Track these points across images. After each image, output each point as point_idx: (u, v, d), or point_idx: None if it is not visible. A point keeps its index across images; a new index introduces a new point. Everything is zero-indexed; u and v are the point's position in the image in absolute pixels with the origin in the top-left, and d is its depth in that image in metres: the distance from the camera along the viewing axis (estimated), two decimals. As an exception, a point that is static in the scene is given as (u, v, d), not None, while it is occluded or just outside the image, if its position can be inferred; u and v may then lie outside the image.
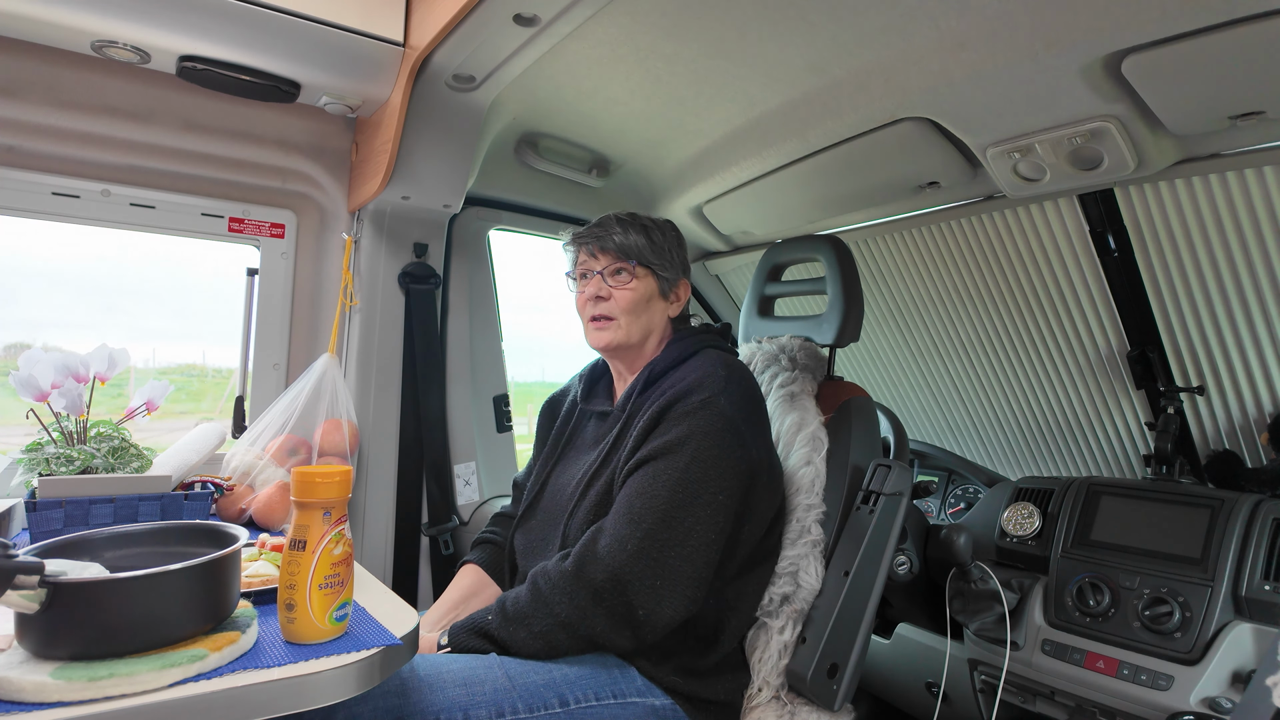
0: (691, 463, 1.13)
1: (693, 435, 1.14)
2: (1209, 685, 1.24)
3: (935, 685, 1.64)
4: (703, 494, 1.12)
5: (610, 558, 1.09)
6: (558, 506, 1.30)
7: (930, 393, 2.28)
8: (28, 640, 0.70)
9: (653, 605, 1.08)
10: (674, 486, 1.11)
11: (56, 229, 1.54)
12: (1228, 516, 1.36)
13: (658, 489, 1.12)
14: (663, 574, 1.08)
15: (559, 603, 1.09)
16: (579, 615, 1.08)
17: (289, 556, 0.81)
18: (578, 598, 1.08)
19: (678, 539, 1.10)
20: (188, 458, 1.39)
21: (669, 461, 1.14)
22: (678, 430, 1.15)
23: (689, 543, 1.10)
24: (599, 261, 1.32)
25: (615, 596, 1.07)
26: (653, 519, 1.10)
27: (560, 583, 1.10)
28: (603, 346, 1.32)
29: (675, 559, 1.09)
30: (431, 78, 1.43)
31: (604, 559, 1.09)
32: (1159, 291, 1.61)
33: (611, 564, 1.08)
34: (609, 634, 1.09)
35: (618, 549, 1.09)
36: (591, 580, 1.08)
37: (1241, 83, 1.14)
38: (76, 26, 1.25)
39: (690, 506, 1.11)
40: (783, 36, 1.33)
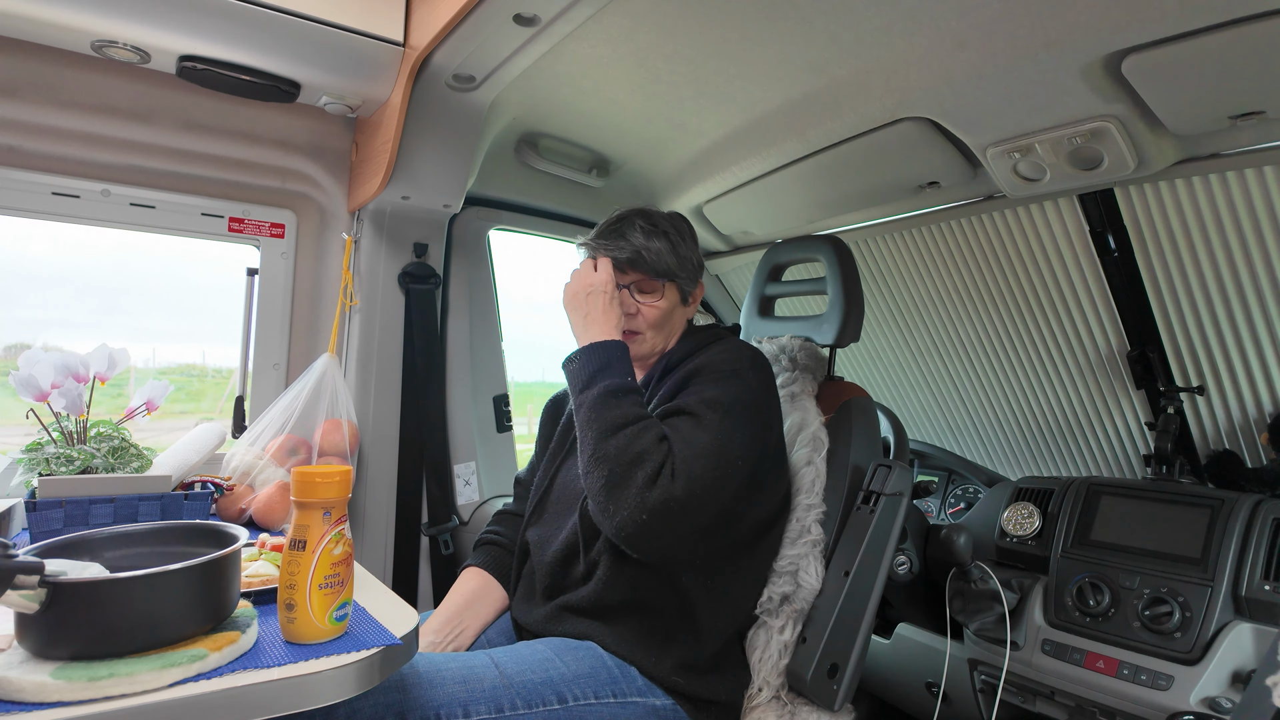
0: (724, 419, 1.13)
1: (722, 400, 1.16)
2: (1209, 685, 1.24)
3: (935, 685, 1.64)
4: (729, 450, 1.12)
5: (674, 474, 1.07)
6: (570, 497, 1.30)
7: (930, 393, 2.28)
8: (28, 640, 0.70)
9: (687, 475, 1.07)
10: (713, 444, 1.11)
11: (57, 229, 1.54)
12: (1228, 516, 1.36)
13: (697, 443, 1.11)
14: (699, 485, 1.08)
15: (629, 436, 1.09)
16: (628, 453, 1.08)
17: (289, 556, 0.81)
18: (631, 449, 1.09)
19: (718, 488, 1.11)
20: (188, 458, 1.39)
21: (702, 417, 1.13)
22: (711, 391, 1.17)
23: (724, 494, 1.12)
24: (625, 275, 1.32)
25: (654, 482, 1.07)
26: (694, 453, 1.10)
27: (638, 436, 1.10)
28: (635, 359, 1.32)
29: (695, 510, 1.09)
30: (431, 78, 1.43)
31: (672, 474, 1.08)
32: (1159, 291, 1.61)
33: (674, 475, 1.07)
34: (631, 485, 1.07)
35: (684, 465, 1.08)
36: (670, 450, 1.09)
37: (1241, 83, 1.14)
38: (76, 26, 1.25)
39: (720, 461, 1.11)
40: (783, 36, 1.33)
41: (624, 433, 1.10)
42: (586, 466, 1.12)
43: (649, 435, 1.10)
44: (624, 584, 1.17)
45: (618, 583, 1.18)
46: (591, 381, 1.17)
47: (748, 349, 1.27)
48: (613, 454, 1.09)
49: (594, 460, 1.10)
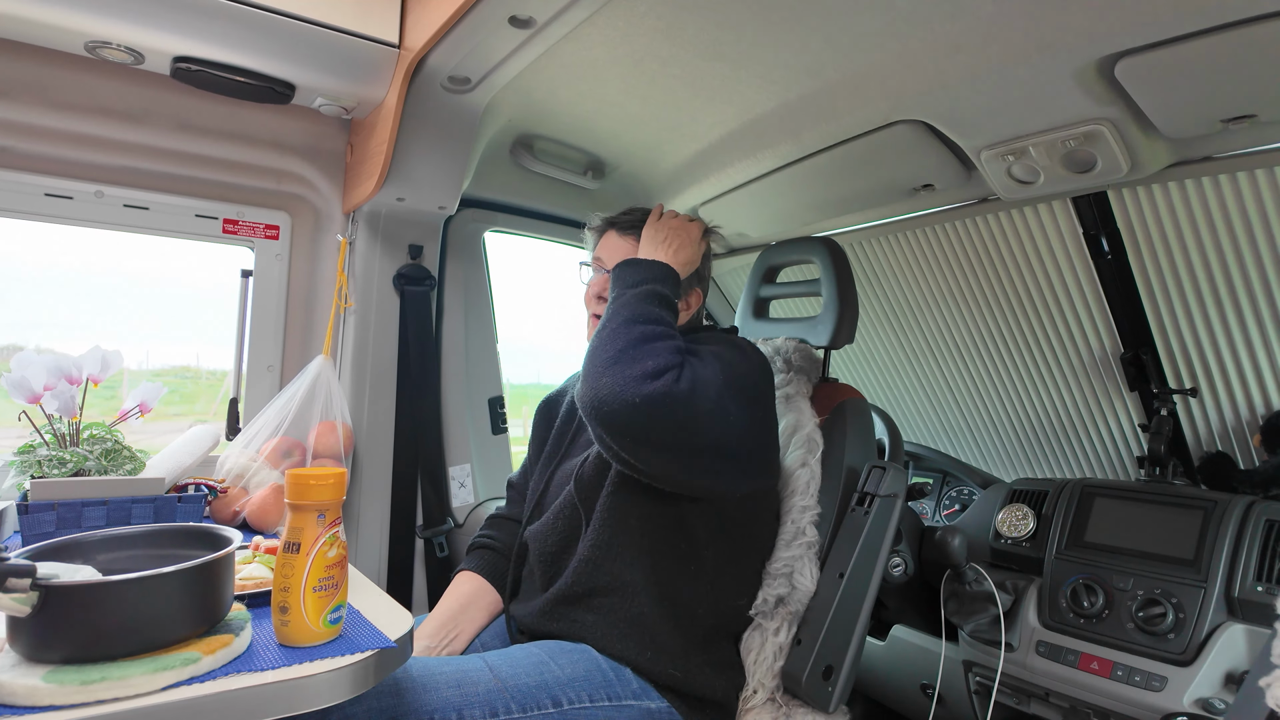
0: (725, 372, 1.12)
1: (725, 357, 1.16)
2: (1202, 686, 1.24)
3: (930, 687, 1.64)
4: (726, 399, 1.10)
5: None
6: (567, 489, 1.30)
7: (925, 395, 2.28)
8: (19, 644, 0.69)
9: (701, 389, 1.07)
10: (715, 374, 1.11)
11: (49, 230, 1.54)
12: (1220, 518, 1.36)
13: (705, 370, 1.10)
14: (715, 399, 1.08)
15: (650, 342, 1.08)
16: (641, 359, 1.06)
17: (283, 559, 0.80)
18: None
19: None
20: (181, 460, 1.38)
21: (709, 363, 1.12)
22: (710, 349, 1.18)
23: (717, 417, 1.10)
24: (616, 253, 1.34)
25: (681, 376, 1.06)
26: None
27: (664, 337, 1.10)
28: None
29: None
30: (426, 79, 1.43)
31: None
32: (1152, 294, 1.62)
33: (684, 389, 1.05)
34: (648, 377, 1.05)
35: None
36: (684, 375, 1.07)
37: (1233, 86, 1.15)
38: (70, 27, 1.25)
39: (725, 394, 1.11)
40: (778, 39, 1.33)
41: (654, 328, 1.11)
42: (599, 340, 1.11)
43: (673, 343, 1.10)
44: (614, 562, 1.18)
45: (608, 559, 1.19)
46: (645, 281, 1.19)
47: (748, 341, 1.29)
48: (635, 337, 1.08)
49: (612, 334, 1.10)
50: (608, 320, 1.14)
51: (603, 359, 1.07)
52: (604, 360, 1.07)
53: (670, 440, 1.05)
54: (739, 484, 1.19)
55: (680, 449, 1.06)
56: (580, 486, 1.25)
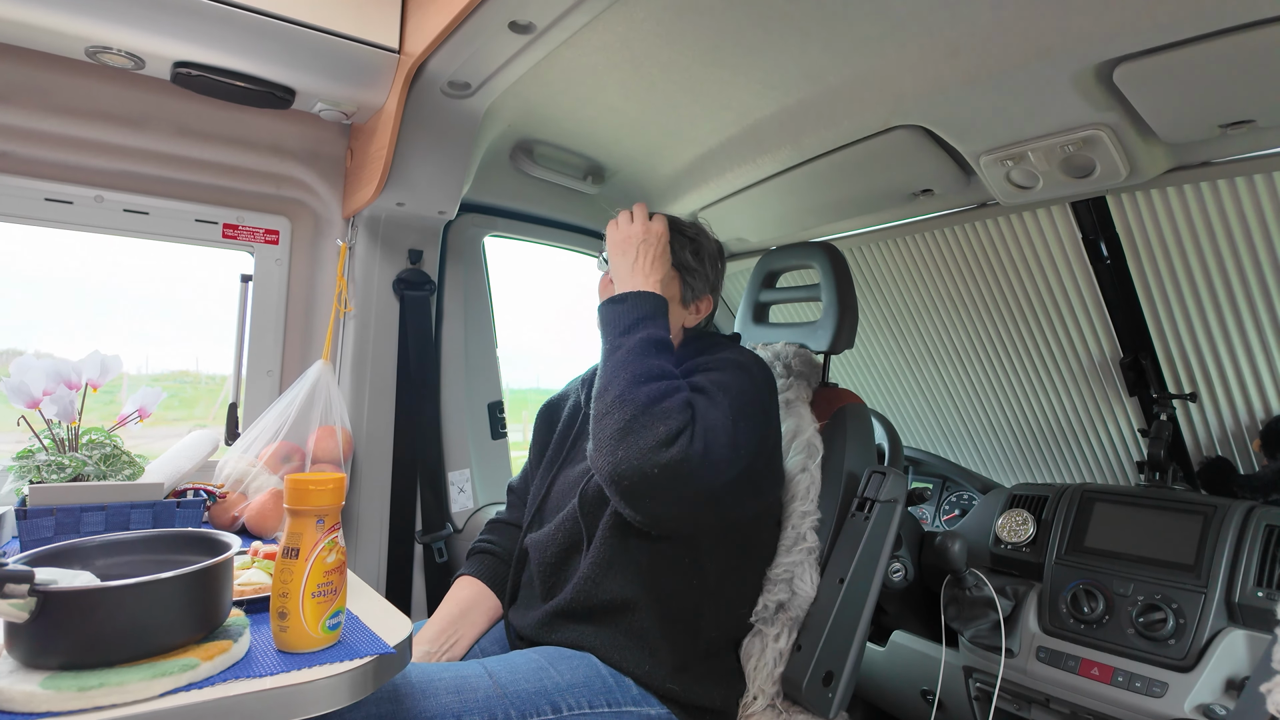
0: (733, 404, 1.12)
1: (731, 386, 1.15)
2: (1203, 692, 1.24)
3: (930, 693, 1.64)
4: (737, 433, 1.09)
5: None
6: (569, 500, 1.30)
7: (925, 399, 2.28)
8: (17, 649, 0.69)
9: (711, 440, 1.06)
10: (733, 417, 1.10)
11: (49, 235, 1.54)
12: (1220, 523, 1.36)
13: (713, 411, 1.10)
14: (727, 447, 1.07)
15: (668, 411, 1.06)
16: (646, 407, 1.05)
17: (282, 564, 0.80)
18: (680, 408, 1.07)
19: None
20: (180, 465, 1.38)
21: (715, 397, 1.12)
22: (714, 376, 1.16)
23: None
24: None
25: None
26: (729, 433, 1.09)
27: (669, 394, 1.08)
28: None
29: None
30: (427, 84, 1.43)
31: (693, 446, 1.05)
32: (1151, 298, 1.62)
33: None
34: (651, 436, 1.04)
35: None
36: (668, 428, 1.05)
37: (1232, 92, 1.15)
38: (70, 32, 1.25)
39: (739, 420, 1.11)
40: (777, 44, 1.33)
41: (657, 385, 1.08)
42: (606, 408, 1.08)
43: (679, 397, 1.07)
44: (616, 580, 1.18)
45: (609, 578, 1.18)
46: (634, 328, 1.15)
47: (750, 353, 1.28)
48: (641, 401, 1.05)
49: (617, 402, 1.07)
50: (609, 382, 1.10)
51: (613, 429, 1.05)
52: (615, 430, 1.05)
53: (690, 497, 1.05)
54: (751, 507, 1.21)
55: (699, 502, 1.07)
56: (584, 505, 1.24)
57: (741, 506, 1.17)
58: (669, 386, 1.08)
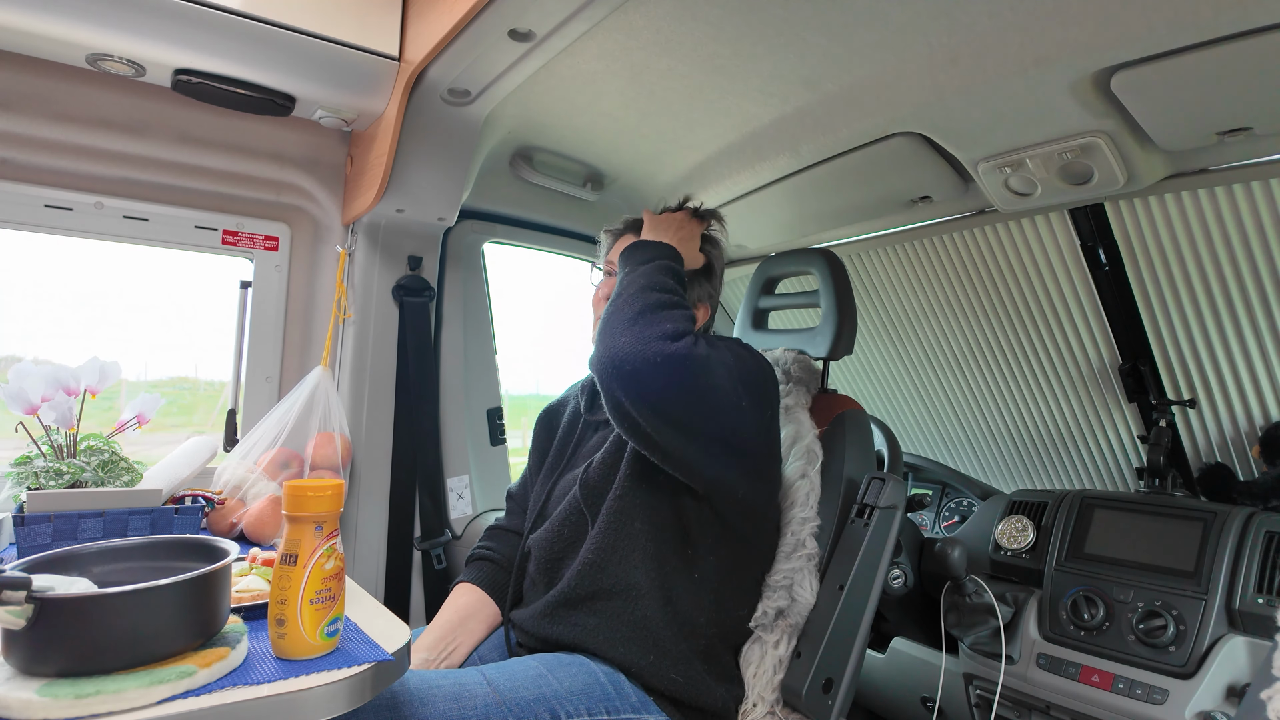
0: (735, 366, 1.15)
1: (728, 351, 1.17)
2: (1204, 699, 1.24)
3: (930, 699, 1.63)
4: (736, 388, 1.13)
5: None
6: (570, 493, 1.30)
7: (924, 406, 2.28)
8: (14, 657, 0.69)
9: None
10: (721, 360, 1.13)
11: (49, 241, 1.54)
12: (1220, 529, 1.36)
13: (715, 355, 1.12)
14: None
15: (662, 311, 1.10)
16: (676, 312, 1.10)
17: (280, 571, 0.80)
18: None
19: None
20: (178, 471, 1.38)
21: (713, 349, 1.14)
22: (723, 344, 1.19)
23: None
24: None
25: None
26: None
27: (679, 306, 1.13)
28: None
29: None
30: (427, 92, 1.44)
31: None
32: (1150, 305, 1.62)
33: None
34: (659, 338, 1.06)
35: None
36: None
37: (1229, 99, 1.15)
38: (71, 40, 1.26)
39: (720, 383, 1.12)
40: (776, 52, 1.34)
41: (669, 295, 1.12)
42: (615, 306, 1.11)
43: (687, 312, 1.12)
44: (619, 564, 1.18)
45: (612, 562, 1.19)
46: (656, 258, 1.21)
47: (756, 350, 1.30)
48: (652, 302, 1.09)
49: (629, 300, 1.10)
50: (622, 289, 1.15)
51: (620, 320, 1.08)
52: (622, 321, 1.08)
53: (685, 412, 1.07)
54: (744, 484, 1.20)
55: (695, 425, 1.08)
56: (586, 489, 1.26)
57: (735, 473, 1.18)
58: (678, 299, 1.13)
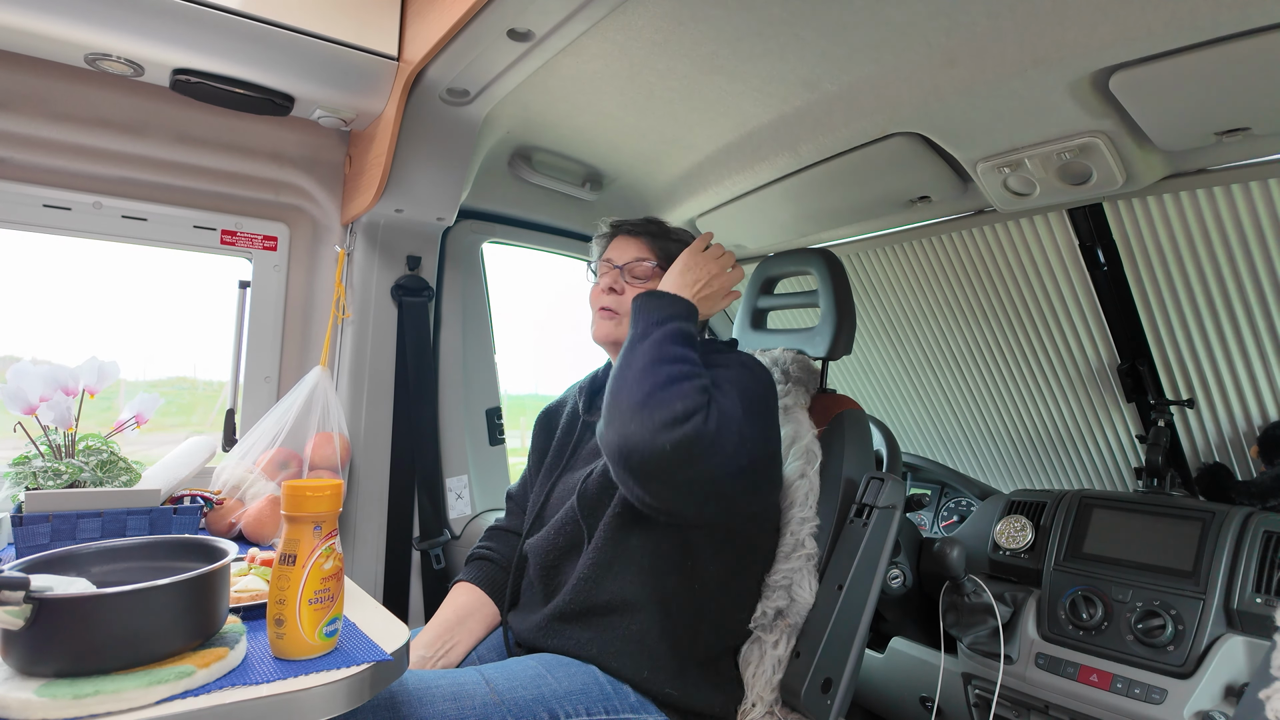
0: (741, 399, 1.12)
1: (738, 383, 1.16)
2: (1202, 699, 1.24)
3: (929, 699, 1.63)
4: (745, 428, 1.10)
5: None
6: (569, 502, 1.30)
7: (923, 406, 2.28)
8: (12, 657, 0.69)
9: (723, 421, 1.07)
10: (744, 410, 1.11)
11: (47, 241, 1.54)
12: (1219, 529, 1.36)
13: (724, 401, 1.10)
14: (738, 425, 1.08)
15: (677, 386, 1.06)
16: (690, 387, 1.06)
17: (279, 571, 0.80)
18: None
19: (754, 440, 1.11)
20: (177, 471, 1.38)
21: (725, 392, 1.12)
22: (722, 373, 1.17)
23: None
24: (626, 253, 1.36)
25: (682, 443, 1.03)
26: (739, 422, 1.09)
27: (691, 377, 1.08)
28: (601, 339, 1.35)
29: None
30: (425, 92, 1.44)
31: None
32: (1148, 305, 1.62)
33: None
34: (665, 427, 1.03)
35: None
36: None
37: (1227, 99, 1.16)
38: (70, 39, 1.26)
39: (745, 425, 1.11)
40: (775, 52, 1.34)
41: (679, 367, 1.08)
42: (623, 382, 1.08)
43: (699, 382, 1.07)
44: (615, 580, 1.18)
45: (609, 577, 1.18)
46: (670, 319, 1.16)
47: (752, 357, 1.29)
48: (662, 379, 1.05)
49: (638, 376, 1.07)
50: (631, 360, 1.10)
51: (629, 403, 1.05)
52: (630, 405, 1.04)
53: (695, 479, 1.05)
54: (749, 503, 1.20)
55: (703, 486, 1.06)
56: (583, 503, 1.25)
57: (744, 501, 1.17)
58: (691, 370, 1.09)
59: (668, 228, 1.41)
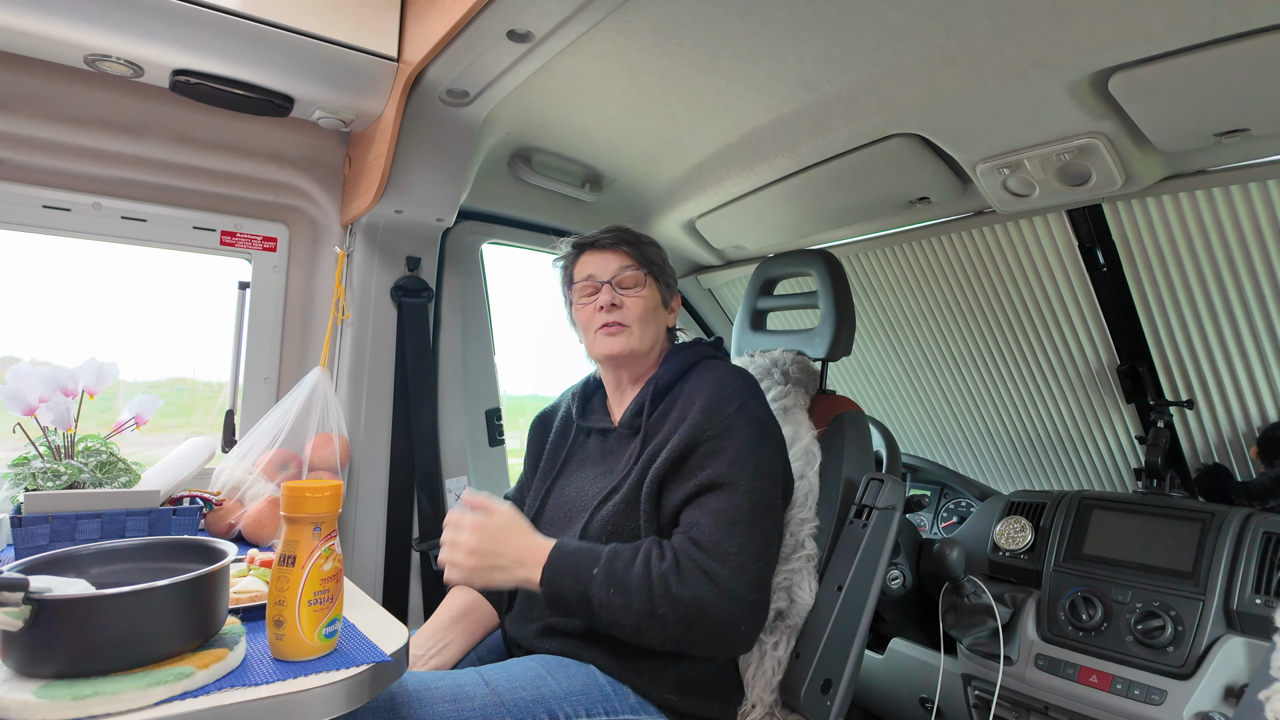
0: (756, 476, 1.14)
1: (746, 453, 1.15)
2: (1202, 699, 1.24)
3: (929, 700, 1.63)
4: (771, 506, 1.16)
5: (716, 590, 1.06)
6: (564, 519, 1.29)
7: (922, 406, 2.28)
8: (11, 658, 0.69)
9: (739, 623, 1.08)
10: (751, 511, 1.12)
11: (47, 242, 1.54)
12: (1218, 530, 1.36)
13: (738, 516, 1.11)
14: (749, 591, 1.09)
15: (664, 607, 1.06)
16: (678, 630, 1.06)
17: (278, 572, 0.80)
18: (681, 612, 1.06)
19: (758, 553, 1.11)
20: (177, 472, 1.38)
21: (735, 489, 1.13)
22: (730, 447, 1.15)
23: (764, 559, 1.13)
24: (608, 267, 1.32)
25: (703, 621, 1.06)
26: (739, 544, 1.09)
27: (671, 589, 1.06)
28: (615, 353, 1.29)
29: (755, 577, 1.10)
30: (425, 93, 1.44)
31: (709, 592, 1.06)
32: (1148, 306, 1.62)
33: (718, 597, 1.06)
34: (695, 647, 1.09)
35: (727, 583, 1.07)
36: (693, 607, 1.06)
37: (1226, 100, 1.16)
38: (69, 40, 1.26)
39: (763, 524, 1.14)
40: (774, 53, 1.34)
41: (622, 593, 1.07)
42: (618, 619, 1.08)
43: (647, 584, 1.07)
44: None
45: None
46: (587, 585, 1.09)
47: (738, 375, 1.25)
48: (640, 607, 1.06)
49: (645, 625, 1.07)
50: (624, 619, 1.07)
51: (665, 640, 1.08)
52: (666, 639, 1.07)
53: (745, 602, 1.09)
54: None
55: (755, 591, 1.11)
56: (584, 536, 1.23)
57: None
58: (634, 584, 1.07)
59: (637, 234, 1.37)
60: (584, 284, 1.34)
